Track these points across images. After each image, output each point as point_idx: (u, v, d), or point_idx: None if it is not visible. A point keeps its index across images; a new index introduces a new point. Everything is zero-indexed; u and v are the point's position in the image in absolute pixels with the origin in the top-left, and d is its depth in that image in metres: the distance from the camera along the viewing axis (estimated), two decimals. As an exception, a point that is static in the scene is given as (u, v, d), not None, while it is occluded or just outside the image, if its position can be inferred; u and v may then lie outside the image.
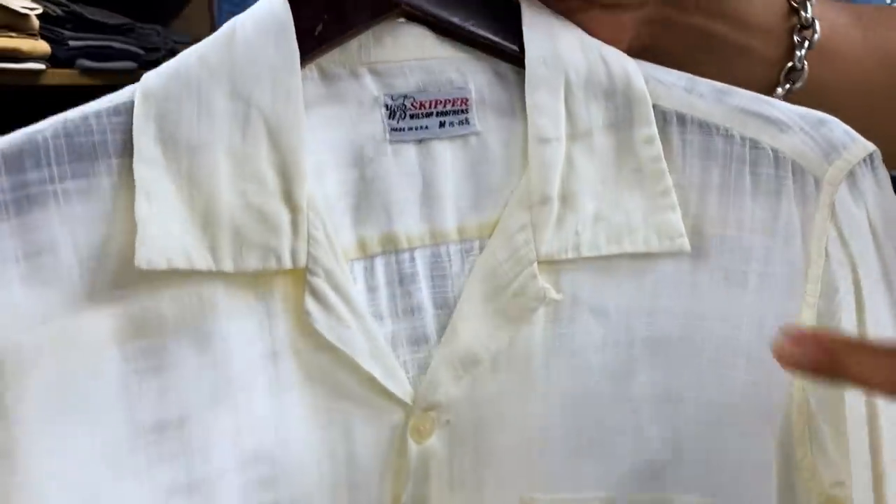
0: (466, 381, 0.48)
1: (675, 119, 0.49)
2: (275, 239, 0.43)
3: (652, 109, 0.48)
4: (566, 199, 0.47)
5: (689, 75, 0.50)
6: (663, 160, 0.48)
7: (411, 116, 0.47)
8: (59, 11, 2.12)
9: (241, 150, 0.43)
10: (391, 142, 0.47)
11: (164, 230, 0.42)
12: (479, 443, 0.49)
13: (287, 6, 0.44)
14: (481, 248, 0.48)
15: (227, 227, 0.43)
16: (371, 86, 0.47)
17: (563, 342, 0.49)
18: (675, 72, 0.50)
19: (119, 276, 0.42)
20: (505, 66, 0.48)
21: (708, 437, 0.50)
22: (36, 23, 2.01)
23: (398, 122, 0.47)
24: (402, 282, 0.48)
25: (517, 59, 0.48)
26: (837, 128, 0.48)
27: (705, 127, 0.48)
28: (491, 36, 0.47)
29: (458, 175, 0.48)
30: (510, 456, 0.49)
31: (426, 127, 0.47)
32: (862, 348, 0.36)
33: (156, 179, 0.42)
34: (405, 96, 0.47)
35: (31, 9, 1.99)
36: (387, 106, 0.47)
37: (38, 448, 0.41)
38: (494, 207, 0.48)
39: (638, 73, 0.48)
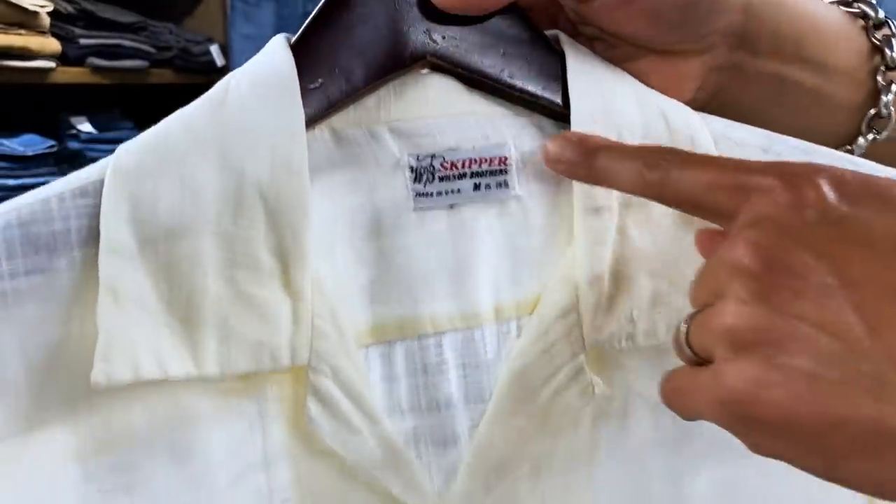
0: (501, 492, 0.41)
1: None
2: (270, 333, 0.37)
3: None
4: (619, 277, 0.41)
5: (766, 132, 0.43)
6: None
7: (441, 179, 0.41)
8: (70, 9, 2.07)
9: (232, 232, 0.37)
10: (416, 209, 0.41)
11: (132, 335, 0.36)
12: None
13: (291, 59, 0.38)
14: (519, 331, 0.42)
15: (212, 323, 0.37)
16: (392, 146, 0.40)
17: (615, 442, 0.43)
18: (748, 127, 0.43)
19: (78, 386, 0.36)
20: (549, 123, 0.42)
21: None
22: (46, 20, 1.98)
23: (425, 186, 0.41)
24: (427, 372, 0.41)
25: (562, 115, 0.41)
26: None
27: None
28: (531, 88, 0.41)
29: (496, 245, 0.42)
30: None
31: (458, 190, 0.41)
32: (613, 149, 0.38)
33: (125, 273, 0.36)
34: (433, 156, 0.41)
35: (42, 6, 1.95)
36: (411, 168, 0.41)
37: None
38: (535, 284, 0.42)
39: (704, 129, 0.42)
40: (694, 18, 0.42)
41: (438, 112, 0.41)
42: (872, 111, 0.46)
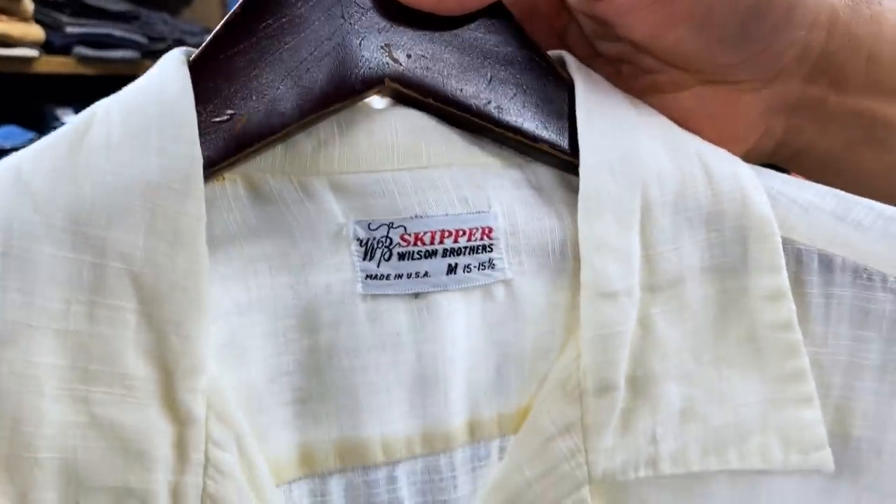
0: None
1: (816, 263, 0.32)
2: (143, 477, 0.26)
3: (781, 247, 0.31)
4: (639, 384, 0.31)
5: (840, 193, 0.33)
6: (796, 327, 0.31)
7: (401, 257, 0.30)
8: (58, -5, 1.98)
9: (84, 330, 0.26)
10: (366, 296, 0.30)
11: None
12: None
13: (187, 80, 0.27)
14: (501, 454, 0.31)
15: (51, 465, 0.25)
16: (334, 209, 0.29)
17: None
18: (816, 186, 0.33)
19: None
20: (549, 175, 0.32)
21: None
22: (29, 6, 1.89)
23: (378, 266, 0.30)
24: None
25: (568, 165, 0.31)
26: None
27: (864, 276, 0.32)
28: (527, 127, 0.30)
29: (475, 344, 0.31)
30: None
31: (426, 273, 0.30)
32: None
33: None
34: (391, 225, 0.30)
35: (26, -9, 1.87)
36: (359, 240, 0.29)
37: None
38: (525, 392, 0.31)
39: (759, 187, 0.32)
40: (760, 30, 0.31)
41: (400, 162, 0.30)
42: None
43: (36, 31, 1.91)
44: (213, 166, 0.27)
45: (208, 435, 0.27)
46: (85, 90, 2.22)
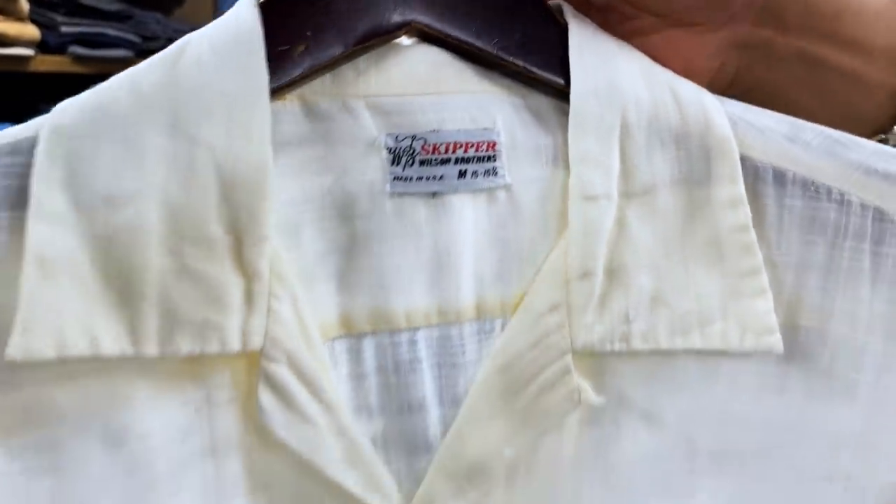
0: (473, 498, 0.38)
1: (770, 176, 0.39)
2: (219, 314, 0.34)
3: (739, 162, 0.38)
4: (615, 273, 0.38)
5: (791, 118, 0.40)
6: (752, 230, 0.38)
7: (421, 163, 0.37)
8: (52, -6, 2.03)
9: (179, 202, 0.33)
10: (393, 194, 0.37)
11: (60, 308, 0.32)
12: None
13: (257, 18, 0.35)
14: (503, 330, 0.39)
15: (153, 299, 0.33)
16: (369, 124, 0.37)
17: (602, 453, 0.39)
18: (772, 113, 0.40)
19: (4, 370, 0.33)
20: (545, 101, 0.39)
21: None
22: (25, 6, 1.94)
23: (403, 170, 0.37)
24: (399, 370, 0.38)
25: (561, 94, 0.38)
26: None
27: (811, 188, 0.39)
28: (529, 64, 0.38)
29: (482, 238, 0.39)
30: None
31: (441, 177, 0.38)
32: None
33: (56, 240, 0.32)
34: (414, 137, 0.37)
35: (21, -9, 1.92)
36: (389, 149, 0.37)
37: None
38: (524, 281, 0.39)
39: (721, 112, 0.39)
40: None
41: (422, 88, 0.37)
42: None
43: (32, 31, 1.95)
44: (277, 87, 0.35)
45: (270, 290, 0.34)
46: (80, 89, 2.27)
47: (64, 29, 2.03)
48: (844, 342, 0.39)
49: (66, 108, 0.34)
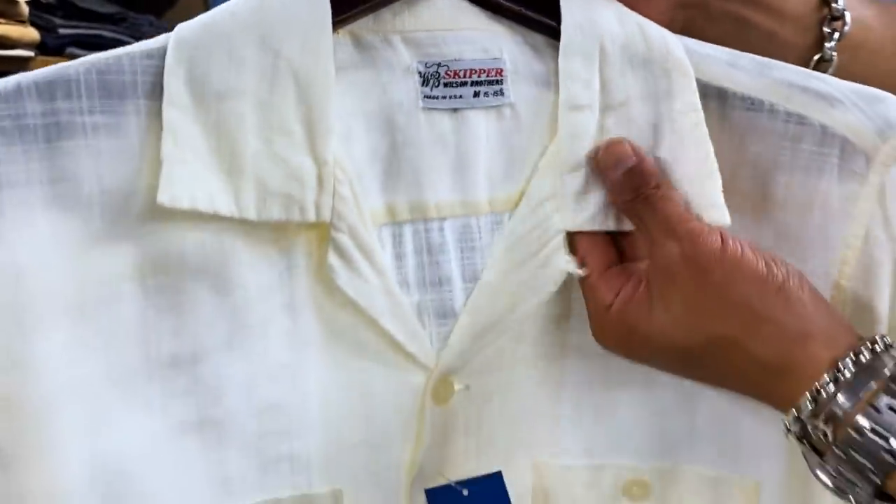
0: (489, 350, 0.49)
1: (715, 93, 0.49)
2: (299, 190, 0.44)
3: (694, 80, 0.49)
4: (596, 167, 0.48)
5: (731, 50, 0.50)
6: (704, 126, 0.48)
7: (445, 85, 0.48)
8: (50, -1, 2.12)
9: (268, 100, 0.44)
10: (424, 109, 0.48)
11: (189, 171, 0.43)
12: (497, 408, 0.50)
13: None
14: (510, 220, 0.49)
15: (251, 175, 0.44)
16: (404, 53, 0.47)
17: (585, 315, 0.50)
18: (715, 46, 0.50)
19: (142, 213, 0.43)
20: (540, 39, 0.49)
21: (723, 417, 0.52)
22: (25, 9, 2.01)
23: (431, 90, 0.48)
24: (431, 251, 0.48)
25: (553, 31, 0.49)
26: (894, 105, 0.48)
27: (747, 101, 0.49)
28: (526, 9, 0.48)
29: (492, 146, 0.49)
30: (525, 422, 0.51)
31: (460, 96, 0.48)
32: None
33: (183, 122, 0.43)
34: (439, 64, 0.48)
35: (21, -5, 1.99)
36: (420, 73, 0.48)
37: (54, 363, 0.42)
38: (523, 180, 0.49)
39: (678, 44, 0.49)
40: None
41: (445, 26, 0.48)
42: (818, 55, 0.54)
43: (32, 33, 2.02)
44: (334, 23, 0.45)
45: (335, 174, 0.45)
46: (75, 89, 2.34)
47: (62, 31, 2.11)
48: (770, 220, 0.50)
49: (186, 27, 0.45)
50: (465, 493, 0.49)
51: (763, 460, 0.52)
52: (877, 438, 0.41)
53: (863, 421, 0.41)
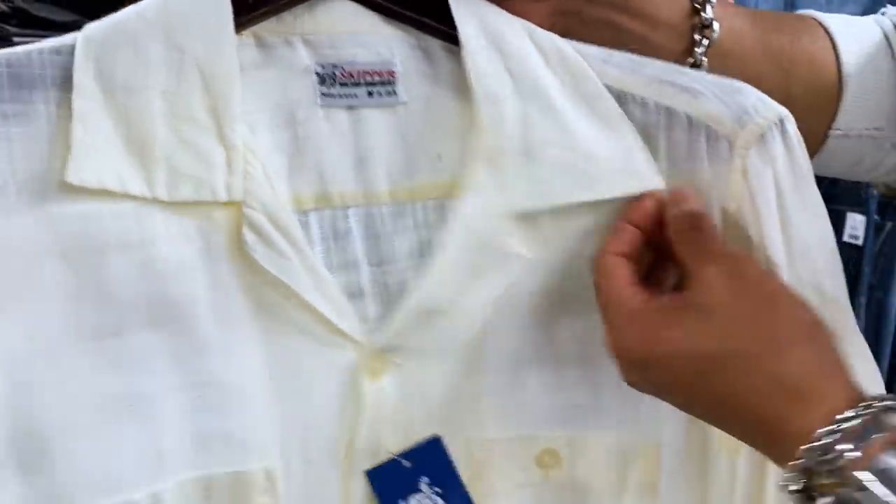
0: (425, 330, 0.52)
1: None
2: (209, 173, 0.48)
3: (595, 74, 0.53)
4: (529, 150, 0.52)
5: (605, 49, 0.54)
6: (618, 106, 0.53)
7: (341, 84, 0.52)
8: (3, 7, 2.13)
9: (175, 92, 0.48)
10: (322, 106, 0.52)
11: (99, 155, 0.47)
12: (424, 386, 0.54)
13: None
14: (414, 212, 0.54)
15: (161, 159, 0.47)
16: (304, 54, 0.52)
17: (517, 287, 0.53)
18: (591, 46, 0.54)
19: (59, 194, 0.46)
20: (433, 42, 0.53)
21: (625, 388, 0.54)
22: (-21, 17, 2.03)
23: (329, 89, 0.52)
24: (337, 238, 0.52)
25: (445, 35, 0.53)
26: (751, 94, 0.52)
27: (623, 96, 0.53)
28: (418, 15, 0.53)
29: (389, 141, 0.53)
30: (455, 400, 0.55)
31: (355, 95, 0.52)
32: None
33: (93, 112, 0.47)
34: (335, 65, 0.52)
35: (-25, 3, 2.01)
36: (317, 73, 0.52)
37: None
38: (424, 171, 0.54)
39: (563, 41, 0.53)
40: None
41: (342, 29, 0.52)
42: (689, 60, 0.59)
43: (-15, 40, 2.05)
44: (238, 25, 0.49)
45: (245, 157, 0.48)
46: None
47: (16, 40, 2.12)
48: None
49: (93, 26, 0.49)
50: (408, 464, 0.53)
51: (663, 424, 0.56)
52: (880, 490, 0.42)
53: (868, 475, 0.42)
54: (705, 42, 0.58)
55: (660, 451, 0.57)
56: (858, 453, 0.42)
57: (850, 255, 1.62)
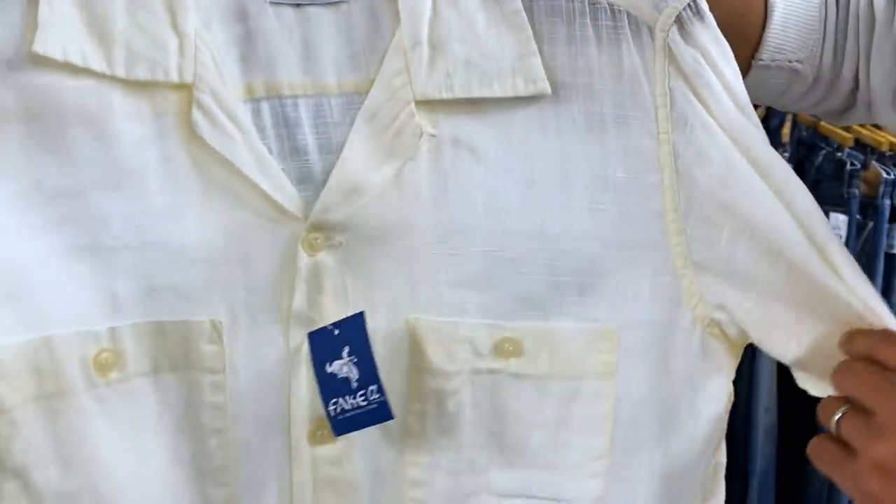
0: (355, 208, 0.57)
1: None
2: (163, 56, 0.53)
3: None
4: (436, 44, 0.57)
5: None
6: (523, 12, 0.58)
7: None
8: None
9: None
10: (271, 3, 0.57)
11: (64, 32, 0.52)
12: (368, 265, 0.58)
13: None
14: (360, 102, 0.58)
15: (120, 41, 0.53)
16: None
17: (446, 179, 0.58)
18: None
19: (25, 67, 0.52)
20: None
21: (584, 270, 0.60)
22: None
23: None
24: (287, 125, 0.57)
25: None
26: None
27: None
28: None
29: (335, 37, 0.58)
30: (396, 280, 0.59)
31: None
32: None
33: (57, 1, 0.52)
34: None
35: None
36: None
37: None
38: (372, 65, 0.58)
39: None
40: None
41: None
42: None
43: None
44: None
45: (196, 45, 0.54)
46: None
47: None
48: (590, 88, 0.58)
49: None
50: (336, 332, 0.57)
51: (619, 312, 0.61)
52: None
53: None
54: None
55: (618, 336, 0.61)
56: None
57: (833, 255, 1.68)
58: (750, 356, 1.70)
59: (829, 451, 0.57)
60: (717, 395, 0.64)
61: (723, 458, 0.67)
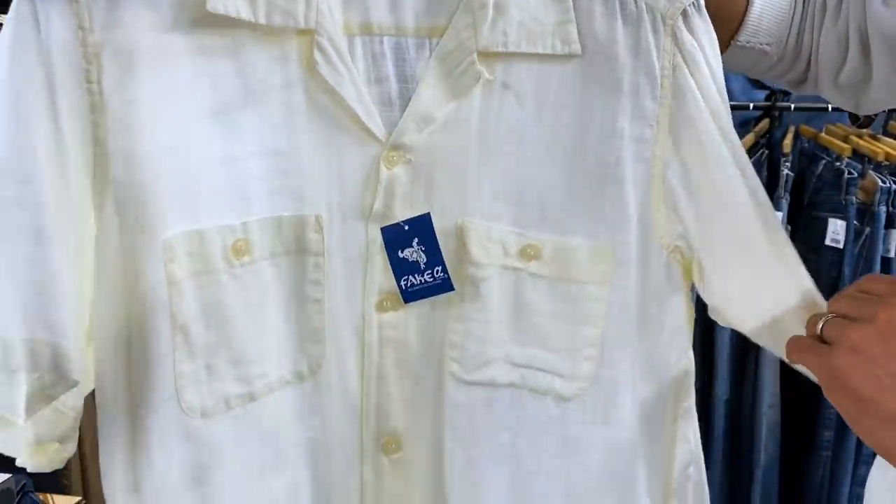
0: (425, 133, 0.73)
1: None
2: (294, 6, 0.68)
3: None
4: (499, 7, 0.71)
5: None
6: None
7: None
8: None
9: None
10: None
11: None
12: (430, 178, 0.74)
13: None
14: (431, 45, 0.73)
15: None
16: None
17: (493, 114, 0.73)
18: None
19: (196, 16, 0.67)
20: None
21: (591, 196, 0.75)
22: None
23: None
24: (375, 58, 0.73)
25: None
26: None
27: None
28: None
29: None
30: (451, 191, 0.74)
31: None
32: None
33: None
34: None
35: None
36: None
37: (148, 98, 0.66)
38: (441, 16, 0.73)
39: None
40: None
41: None
42: None
43: None
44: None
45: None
46: None
47: None
48: (613, 56, 0.73)
49: None
50: (406, 228, 0.74)
51: (615, 233, 0.76)
52: None
53: None
54: None
55: (613, 252, 0.76)
56: None
57: (832, 258, 1.80)
58: (755, 358, 1.85)
59: (807, 342, 0.66)
60: (678, 309, 0.80)
61: (691, 366, 0.82)
